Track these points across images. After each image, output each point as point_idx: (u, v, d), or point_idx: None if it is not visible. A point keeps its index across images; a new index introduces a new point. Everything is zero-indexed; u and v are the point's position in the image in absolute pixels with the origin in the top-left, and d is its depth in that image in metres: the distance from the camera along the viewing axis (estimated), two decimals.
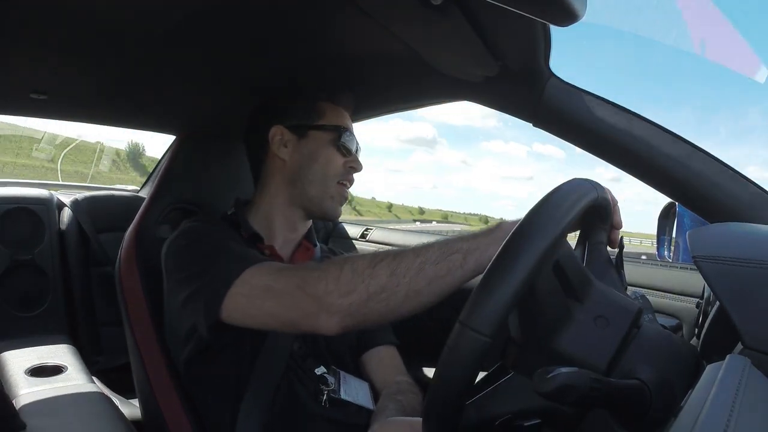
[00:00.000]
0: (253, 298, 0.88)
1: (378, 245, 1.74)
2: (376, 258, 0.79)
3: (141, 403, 1.26)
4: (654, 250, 1.41)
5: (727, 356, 0.51)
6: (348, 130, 1.15)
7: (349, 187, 1.15)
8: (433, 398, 0.57)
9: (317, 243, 1.24)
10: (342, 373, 1.09)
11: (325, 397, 1.03)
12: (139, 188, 2.25)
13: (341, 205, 1.15)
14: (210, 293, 0.91)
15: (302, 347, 1.08)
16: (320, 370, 1.06)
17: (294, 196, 1.14)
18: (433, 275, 0.75)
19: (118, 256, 1.26)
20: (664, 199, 1.08)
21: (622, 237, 0.80)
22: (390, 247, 0.96)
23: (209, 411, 1.06)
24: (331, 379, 1.06)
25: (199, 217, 1.15)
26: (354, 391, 1.06)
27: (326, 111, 1.15)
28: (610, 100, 0.94)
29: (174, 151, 1.39)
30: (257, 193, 1.19)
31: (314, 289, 0.80)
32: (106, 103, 1.40)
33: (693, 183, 0.89)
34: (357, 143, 1.16)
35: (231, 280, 0.89)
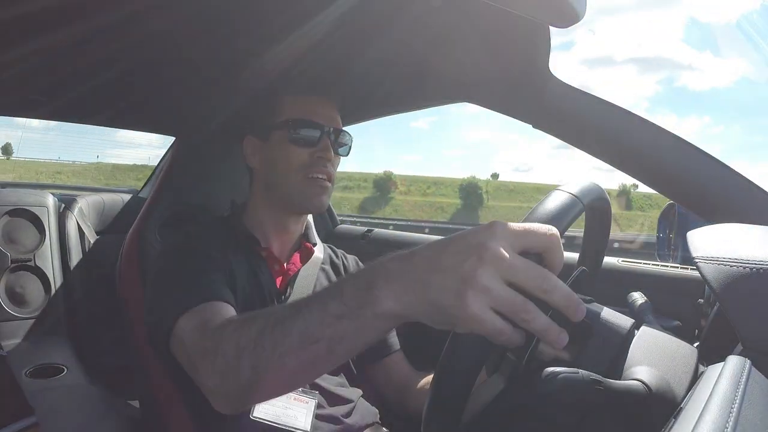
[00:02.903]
0: (183, 348, 0.85)
1: (379, 246, 1.74)
2: (240, 341, 0.67)
3: (142, 403, 1.26)
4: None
5: (727, 357, 0.51)
6: (305, 119, 1.08)
7: (326, 178, 1.09)
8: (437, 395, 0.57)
9: (317, 242, 1.22)
10: (305, 396, 1.03)
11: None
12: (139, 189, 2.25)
13: (321, 196, 1.09)
14: (158, 330, 0.90)
15: None
16: None
17: (274, 200, 1.13)
18: (297, 367, 0.61)
19: (119, 257, 1.26)
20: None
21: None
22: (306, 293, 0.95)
23: (211, 411, 1.06)
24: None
25: (188, 230, 1.11)
26: (284, 413, 1.00)
27: (282, 105, 1.10)
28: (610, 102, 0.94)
29: (174, 153, 1.39)
30: (248, 199, 1.19)
31: (204, 368, 0.74)
32: (105, 104, 1.40)
33: (693, 184, 0.89)
34: (325, 129, 1.09)
35: (171, 324, 0.87)
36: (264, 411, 0.98)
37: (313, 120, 1.09)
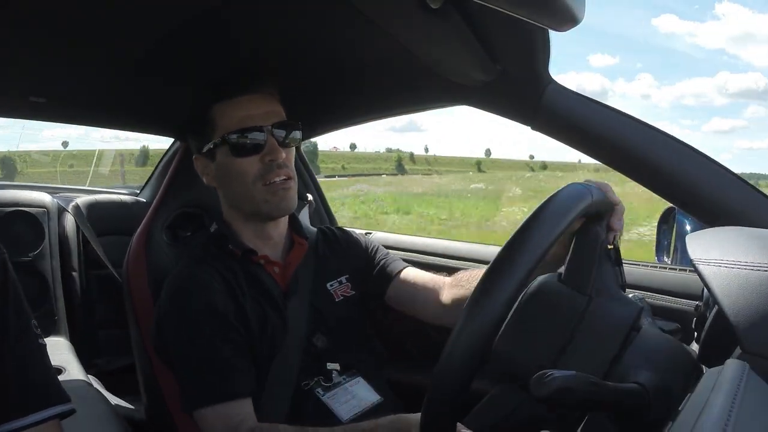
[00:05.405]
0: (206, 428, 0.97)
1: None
2: None
3: (147, 402, 1.26)
4: None
5: (726, 361, 0.51)
6: (241, 127, 1.03)
7: (285, 178, 1.05)
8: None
9: (307, 235, 1.19)
10: (353, 378, 1.09)
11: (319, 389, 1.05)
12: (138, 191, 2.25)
13: (286, 199, 1.06)
14: (190, 399, 0.99)
15: (325, 342, 1.10)
16: (332, 366, 1.08)
17: (242, 212, 1.11)
18: None
19: (126, 258, 1.27)
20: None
21: (616, 235, 0.79)
22: None
23: None
24: (337, 378, 1.07)
25: (189, 273, 1.07)
26: (345, 398, 1.06)
27: (215, 118, 1.07)
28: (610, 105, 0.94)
29: (181, 156, 1.39)
30: (223, 212, 1.16)
31: None
32: (106, 105, 1.40)
33: (692, 187, 0.89)
34: (266, 129, 1.04)
35: (196, 408, 0.97)
36: (347, 411, 1.04)
37: (250, 125, 1.04)
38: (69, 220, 1.79)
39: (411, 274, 1.19)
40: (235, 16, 0.92)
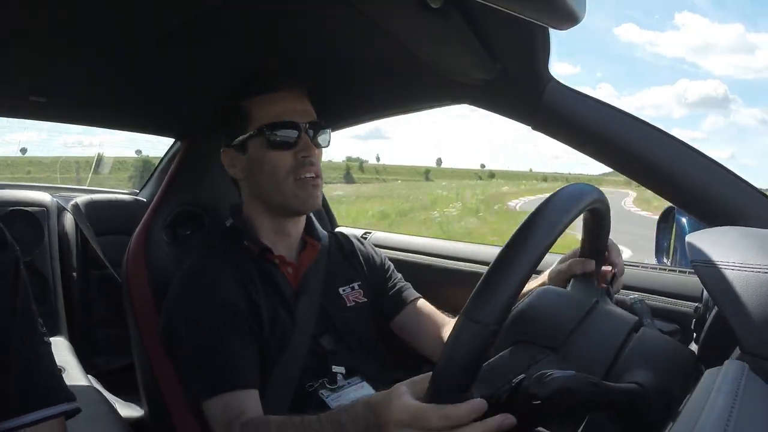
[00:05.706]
0: (211, 422, 0.96)
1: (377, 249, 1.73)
2: None
3: (147, 401, 1.26)
4: None
5: (726, 361, 0.51)
6: (279, 121, 1.06)
7: (315, 175, 1.07)
8: (438, 383, 0.58)
9: (321, 236, 1.20)
10: (358, 383, 1.08)
11: (323, 392, 1.05)
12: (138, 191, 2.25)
13: (315, 196, 1.08)
14: (194, 390, 0.99)
15: (332, 344, 1.09)
16: (337, 369, 1.07)
17: (265, 206, 1.11)
18: None
19: (126, 257, 1.27)
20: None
21: (614, 272, 0.89)
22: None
23: None
24: (342, 382, 1.06)
25: (204, 266, 1.08)
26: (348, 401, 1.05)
27: (251, 112, 1.08)
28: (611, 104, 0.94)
29: (182, 156, 1.39)
30: (243, 207, 1.16)
31: None
32: (106, 105, 1.40)
33: (692, 187, 0.89)
34: (301, 126, 1.06)
35: (201, 401, 0.97)
36: None
37: (287, 119, 1.06)
38: (68, 220, 1.79)
39: (421, 305, 1.21)
40: (234, 16, 0.92)
